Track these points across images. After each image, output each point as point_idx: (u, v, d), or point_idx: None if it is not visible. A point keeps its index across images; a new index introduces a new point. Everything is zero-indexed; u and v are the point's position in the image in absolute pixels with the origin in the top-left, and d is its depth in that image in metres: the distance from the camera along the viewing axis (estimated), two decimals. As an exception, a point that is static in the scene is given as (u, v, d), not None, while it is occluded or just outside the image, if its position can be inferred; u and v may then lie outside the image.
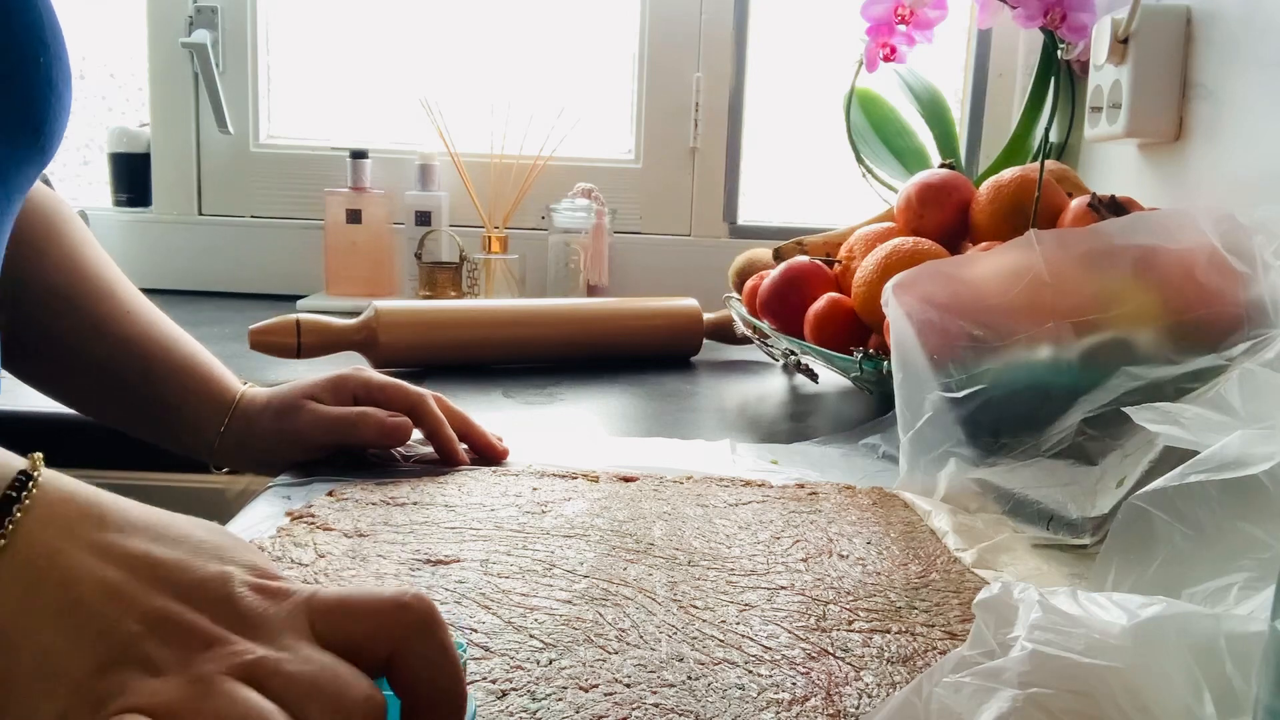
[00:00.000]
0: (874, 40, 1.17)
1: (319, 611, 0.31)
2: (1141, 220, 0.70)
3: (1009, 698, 0.32)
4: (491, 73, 1.51)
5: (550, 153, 1.41)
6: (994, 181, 0.92)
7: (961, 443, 0.66)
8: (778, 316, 0.98)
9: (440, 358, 1.06)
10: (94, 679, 0.28)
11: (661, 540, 0.59)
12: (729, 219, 1.51)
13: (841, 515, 0.64)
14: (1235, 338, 0.60)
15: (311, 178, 1.49)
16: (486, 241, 1.38)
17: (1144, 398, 0.59)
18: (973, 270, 0.69)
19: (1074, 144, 1.30)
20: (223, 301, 1.45)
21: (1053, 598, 0.35)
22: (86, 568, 0.30)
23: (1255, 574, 0.42)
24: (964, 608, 0.51)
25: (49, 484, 0.31)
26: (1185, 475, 0.46)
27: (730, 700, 0.41)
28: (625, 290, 1.43)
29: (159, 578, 0.30)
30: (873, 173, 1.23)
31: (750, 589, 0.53)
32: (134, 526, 0.32)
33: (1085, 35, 1.08)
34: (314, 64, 1.54)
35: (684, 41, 1.47)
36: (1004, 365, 0.65)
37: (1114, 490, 0.58)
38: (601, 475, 0.70)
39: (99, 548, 0.30)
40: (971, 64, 1.48)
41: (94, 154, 1.59)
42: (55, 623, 0.29)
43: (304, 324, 0.98)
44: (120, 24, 1.53)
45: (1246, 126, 0.92)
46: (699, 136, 1.49)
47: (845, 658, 0.46)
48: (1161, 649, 0.32)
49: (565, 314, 1.14)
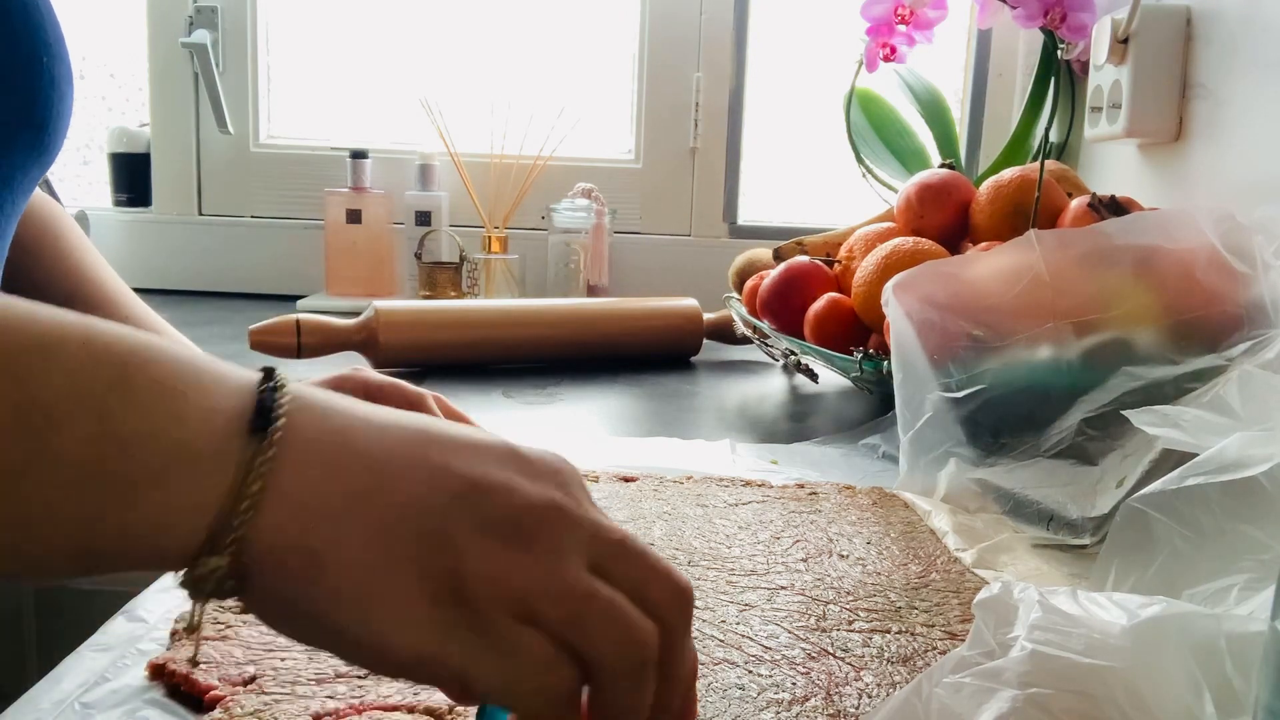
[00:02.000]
0: (874, 40, 1.17)
1: (600, 543, 0.31)
2: (1141, 220, 0.70)
3: (1009, 698, 0.32)
4: (491, 73, 1.51)
5: (550, 153, 1.41)
6: (994, 181, 0.92)
7: (961, 443, 0.66)
8: (778, 316, 0.98)
9: (440, 358, 1.06)
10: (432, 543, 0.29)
11: (661, 540, 0.59)
12: (729, 219, 1.51)
13: (841, 515, 0.64)
14: (1235, 338, 0.60)
15: (311, 178, 1.49)
16: (486, 241, 1.38)
17: (1144, 398, 0.60)
18: (973, 270, 0.69)
19: (1074, 144, 1.30)
20: (223, 301, 1.45)
21: (1053, 598, 0.35)
22: (373, 436, 0.30)
23: (1255, 575, 0.42)
24: (964, 608, 0.51)
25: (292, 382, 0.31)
26: (1184, 478, 0.46)
27: (730, 700, 0.41)
28: (625, 290, 1.43)
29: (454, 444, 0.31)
30: (873, 173, 1.23)
31: (750, 589, 0.53)
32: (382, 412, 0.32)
33: (1085, 35, 1.08)
34: (314, 64, 1.54)
35: (684, 41, 1.47)
36: (1004, 365, 0.65)
37: (1114, 490, 0.58)
38: (601, 475, 0.70)
39: (371, 418, 0.31)
40: (971, 64, 1.48)
41: (94, 154, 1.59)
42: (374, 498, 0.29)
43: (304, 324, 0.98)
44: (120, 24, 1.53)
45: (1246, 126, 0.92)
46: (699, 136, 1.49)
47: (845, 658, 0.46)
48: (1161, 649, 0.32)
49: (565, 314, 1.14)
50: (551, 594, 0.29)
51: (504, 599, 0.29)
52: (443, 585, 0.28)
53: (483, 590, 0.28)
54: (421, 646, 0.28)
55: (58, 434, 0.26)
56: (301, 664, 0.43)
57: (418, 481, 0.29)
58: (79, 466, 0.26)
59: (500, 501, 0.30)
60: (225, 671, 0.42)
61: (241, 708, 0.39)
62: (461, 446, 0.31)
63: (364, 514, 0.28)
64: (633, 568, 0.31)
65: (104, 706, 0.40)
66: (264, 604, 0.29)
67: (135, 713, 0.40)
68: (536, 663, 0.29)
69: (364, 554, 0.28)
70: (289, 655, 0.43)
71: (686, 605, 0.32)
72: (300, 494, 0.28)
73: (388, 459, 0.30)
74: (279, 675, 0.42)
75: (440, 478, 0.30)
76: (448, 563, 0.28)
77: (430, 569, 0.28)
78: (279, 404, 0.29)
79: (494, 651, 0.29)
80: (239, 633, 0.45)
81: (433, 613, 0.28)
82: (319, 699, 0.40)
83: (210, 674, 0.42)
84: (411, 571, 0.28)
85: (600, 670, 0.29)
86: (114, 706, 0.40)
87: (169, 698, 0.41)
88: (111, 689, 0.41)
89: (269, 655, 0.43)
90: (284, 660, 0.43)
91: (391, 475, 0.29)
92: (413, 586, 0.28)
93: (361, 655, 0.29)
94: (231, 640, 0.44)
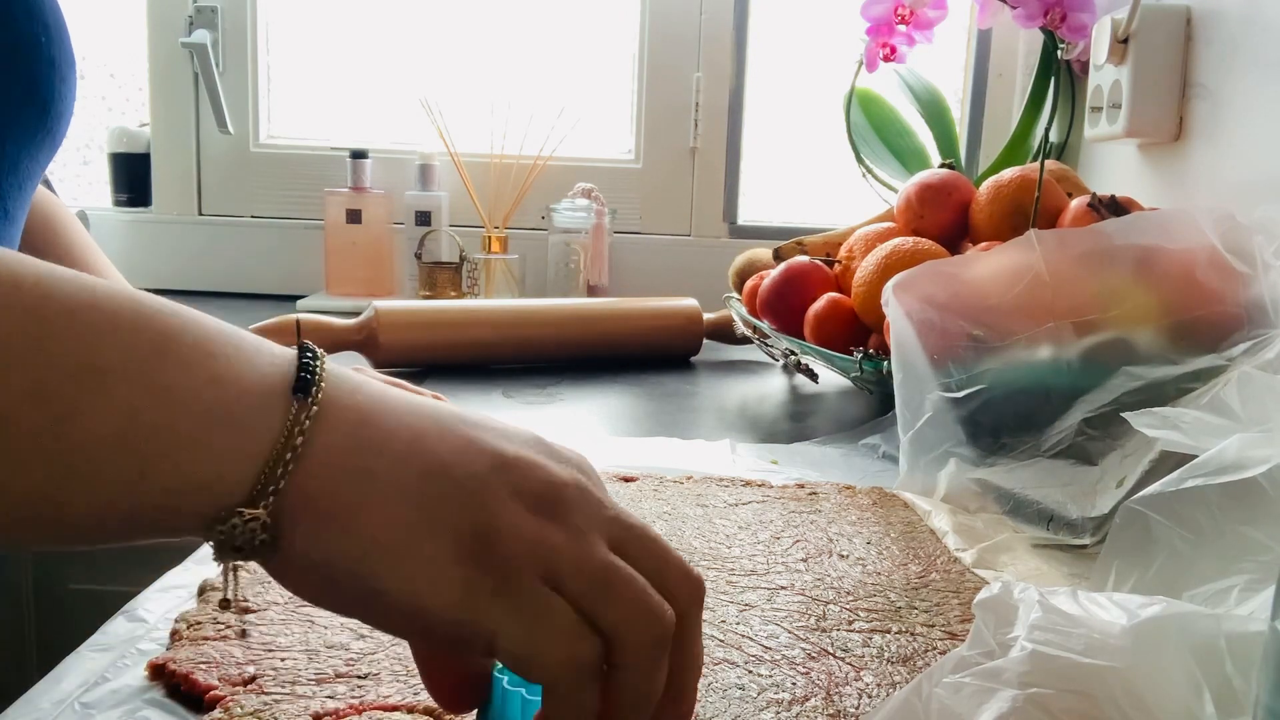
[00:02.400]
0: (874, 40, 1.17)
1: (620, 527, 0.32)
2: (1141, 220, 0.70)
3: (1009, 698, 0.32)
4: (491, 73, 1.51)
5: (550, 153, 1.41)
6: (994, 181, 0.92)
7: (961, 443, 0.66)
8: (778, 316, 0.98)
9: (440, 358, 1.06)
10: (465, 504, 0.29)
11: (661, 540, 0.59)
12: (729, 219, 1.51)
13: (841, 515, 0.64)
14: (1235, 338, 0.60)
15: (311, 178, 1.49)
16: (486, 241, 1.38)
17: (1144, 398, 0.60)
18: (973, 270, 0.69)
19: (1074, 144, 1.30)
20: (223, 301, 1.45)
21: (1053, 598, 0.35)
22: (400, 416, 0.31)
23: (1256, 576, 0.42)
24: (964, 608, 0.51)
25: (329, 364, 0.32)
26: (1183, 480, 0.46)
27: (730, 700, 0.41)
28: (625, 290, 1.42)
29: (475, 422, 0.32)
30: (873, 173, 1.23)
31: (750, 589, 0.53)
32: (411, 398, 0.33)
33: (1085, 35, 1.08)
34: (314, 64, 1.54)
35: (684, 41, 1.47)
36: (1004, 365, 0.65)
37: (1114, 490, 0.58)
38: (601, 475, 0.70)
39: (404, 402, 0.31)
40: (971, 64, 1.48)
41: (94, 154, 1.59)
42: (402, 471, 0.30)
43: (304, 324, 0.98)
44: (120, 24, 1.53)
45: (1246, 126, 0.92)
46: (699, 136, 1.49)
47: (845, 658, 0.46)
48: (1161, 649, 0.32)
49: (565, 314, 1.14)
50: (579, 563, 0.30)
51: (535, 563, 0.29)
52: (477, 545, 0.29)
53: (516, 551, 0.29)
54: (453, 604, 0.29)
55: (107, 390, 0.27)
56: (302, 664, 0.43)
57: (453, 449, 0.30)
58: (127, 420, 0.27)
59: (531, 475, 0.31)
60: (225, 671, 0.42)
61: (241, 708, 0.39)
62: (491, 427, 0.32)
63: (401, 473, 0.29)
64: (651, 554, 0.32)
65: (104, 706, 0.40)
66: (294, 565, 0.29)
67: (135, 713, 0.40)
68: (562, 629, 0.29)
69: (400, 511, 0.29)
70: (289, 655, 0.43)
71: (699, 594, 0.32)
72: (340, 454, 0.29)
73: (424, 428, 0.30)
74: (279, 675, 0.42)
75: (475, 448, 0.31)
76: (482, 520, 0.29)
77: (464, 529, 0.29)
78: (319, 372, 0.30)
79: (523, 614, 0.29)
80: (239, 633, 0.45)
81: (466, 571, 0.29)
82: (319, 699, 0.40)
83: (210, 674, 0.42)
84: (447, 531, 0.29)
85: (620, 645, 0.30)
86: (114, 706, 0.40)
87: (169, 698, 0.41)
88: (111, 689, 0.41)
89: (269, 655, 0.43)
90: (284, 660, 0.43)
91: (429, 441, 0.30)
92: (447, 545, 0.29)
93: (392, 614, 0.30)
94: (231, 640, 0.44)
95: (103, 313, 0.28)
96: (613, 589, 0.30)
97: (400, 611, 0.29)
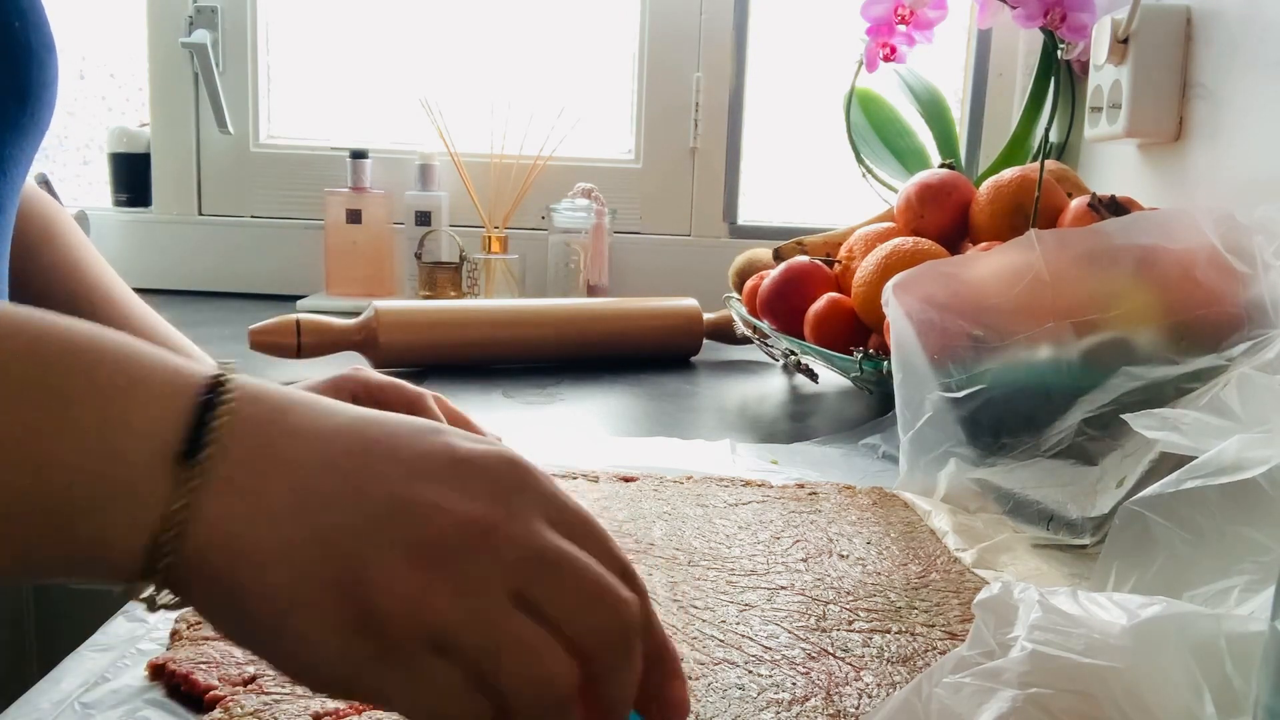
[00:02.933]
0: (874, 40, 1.17)
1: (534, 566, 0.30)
2: (1141, 220, 0.70)
3: (1009, 698, 0.32)
4: (491, 73, 1.51)
5: (550, 153, 1.41)
6: (994, 181, 0.92)
7: (961, 443, 0.66)
8: (778, 316, 0.98)
9: (440, 358, 1.06)
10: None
11: (661, 540, 0.59)
12: (729, 219, 1.51)
13: (841, 515, 0.64)
14: (1235, 338, 0.60)
15: (311, 178, 1.49)
16: (486, 241, 1.38)
17: (1144, 398, 0.60)
18: (973, 270, 0.69)
19: (1074, 144, 1.30)
20: (223, 301, 1.45)
21: (1053, 598, 0.35)
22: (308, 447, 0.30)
23: (1256, 577, 0.42)
24: (964, 608, 0.51)
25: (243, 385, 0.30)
26: (1182, 481, 0.46)
27: (730, 700, 0.41)
28: (625, 290, 1.42)
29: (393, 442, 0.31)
30: (873, 173, 1.23)
31: (750, 589, 0.53)
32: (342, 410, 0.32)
33: (1085, 35, 1.08)
34: (314, 64, 1.54)
35: (684, 41, 1.47)
36: (1004, 365, 0.65)
37: (1114, 490, 0.58)
38: (601, 475, 0.70)
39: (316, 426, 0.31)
40: (971, 64, 1.48)
41: (94, 154, 1.59)
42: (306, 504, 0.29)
43: (304, 324, 0.98)
44: (120, 24, 1.53)
45: (1246, 126, 0.92)
46: (699, 136, 1.49)
47: (845, 658, 0.46)
48: (1161, 649, 0.32)
49: (565, 314, 1.14)
50: (465, 625, 0.28)
51: (416, 630, 0.28)
52: (358, 612, 0.28)
53: (395, 621, 0.28)
54: (336, 677, 0.29)
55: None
56: (301, 664, 0.43)
57: (342, 502, 0.29)
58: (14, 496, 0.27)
59: (425, 522, 0.29)
60: (225, 671, 0.42)
61: (241, 708, 0.39)
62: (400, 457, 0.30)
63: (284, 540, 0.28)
64: (567, 594, 0.30)
65: (104, 706, 0.40)
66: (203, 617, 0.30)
67: (135, 713, 0.40)
68: (447, 694, 0.28)
69: (283, 581, 0.28)
70: (289, 655, 0.43)
71: (622, 638, 0.30)
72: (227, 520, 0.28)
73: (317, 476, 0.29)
74: (279, 675, 0.42)
75: (367, 497, 0.29)
76: (361, 592, 0.28)
77: (348, 594, 0.28)
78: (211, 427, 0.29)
79: (407, 682, 0.28)
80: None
81: (347, 641, 0.28)
82: (319, 699, 0.40)
83: (210, 674, 0.42)
84: (328, 599, 0.28)
85: (510, 707, 0.29)
86: (114, 706, 0.40)
87: (169, 698, 0.41)
88: (111, 689, 0.41)
89: (269, 655, 0.43)
90: (284, 660, 0.43)
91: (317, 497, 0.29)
92: (329, 615, 0.28)
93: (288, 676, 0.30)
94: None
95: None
96: (501, 653, 0.28)
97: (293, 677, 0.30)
